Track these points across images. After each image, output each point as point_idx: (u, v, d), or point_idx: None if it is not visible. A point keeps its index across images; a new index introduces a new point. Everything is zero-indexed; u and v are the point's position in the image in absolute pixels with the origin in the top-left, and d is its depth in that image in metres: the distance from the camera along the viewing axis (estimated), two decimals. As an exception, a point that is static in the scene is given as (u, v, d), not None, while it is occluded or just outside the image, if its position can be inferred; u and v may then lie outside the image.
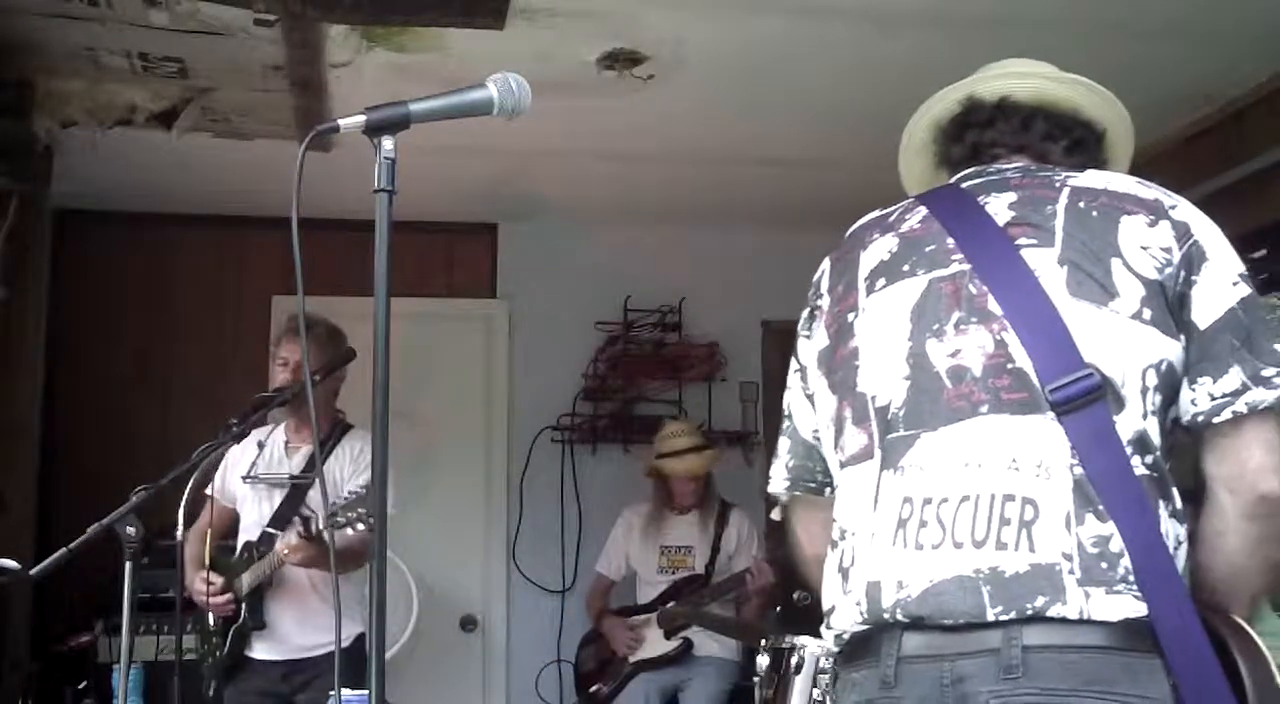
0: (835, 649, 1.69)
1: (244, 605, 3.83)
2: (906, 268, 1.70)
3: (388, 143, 1.71)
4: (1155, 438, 1.56)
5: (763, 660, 3.26)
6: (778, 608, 4.52)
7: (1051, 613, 1.47)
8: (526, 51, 3.75)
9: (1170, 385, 1.58)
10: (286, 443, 3.99)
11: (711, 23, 3.77)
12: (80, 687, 4.50)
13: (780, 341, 6.00)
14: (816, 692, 3.10)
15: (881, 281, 1.72)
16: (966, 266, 1.65)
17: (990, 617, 1.49)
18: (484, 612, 5.73)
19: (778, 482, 1.85)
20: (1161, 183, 1.79)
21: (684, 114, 4.47)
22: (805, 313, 1.85)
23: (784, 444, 1.84)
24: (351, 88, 4.03)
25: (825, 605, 1.69)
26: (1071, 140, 1.85)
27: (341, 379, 3.90)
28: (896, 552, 1.57)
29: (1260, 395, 1.55)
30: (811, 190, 5.26)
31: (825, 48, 3.92)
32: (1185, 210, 1.70)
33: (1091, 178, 1.73)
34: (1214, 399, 1.57)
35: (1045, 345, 1.56)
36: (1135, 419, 1.55)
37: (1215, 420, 1.57)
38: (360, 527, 3.36)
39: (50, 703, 4.50)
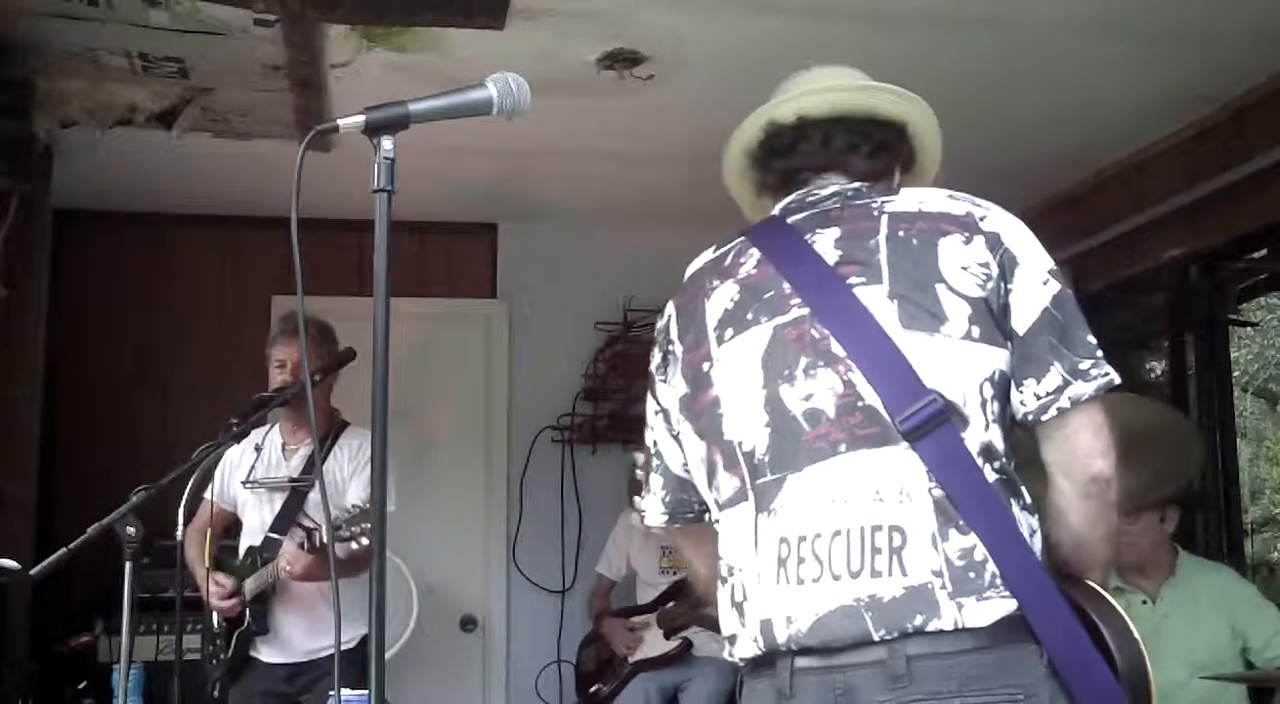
0: (740, 664, 1.80)
1: (248, 610, 3.82)
2: (750, 316, 1.79)
3: (387, 143, 1.71)
4: (999, 443, 1.70)
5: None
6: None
7: (930, 628, 1.60)
8: (526, 51, 3.75)
9: (1005, 391, 1.71)
10: (283, 445, 3.98)
11: (711, 23, 3.77)
12: (80, 687, 4.50)
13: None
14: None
15: (730, 332, 1.80)
16: (806, 311, 1.74)
17: (875, 638, 1.61)
18: (484, 612, 5.73)
19: (655, 515, 1.94)
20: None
21: (684, 114, 4.46)
22: (658, 358, 1.92)
23: (656, 480, 1.92)
24: (351, 88, 4.03)
25: (725, 632, 1.79)
26: (872, 145, 1.91)
27: (336, 376, 3.90)
28: (781, 589, 1.68)
29: (1080, 389, 1.70)
30: (811, 190, 5.26)
31: (825, 48, 3.88)
32: (994, 219, 1.78)
33: (906, 200, 1.81)
34: (1039, 398, 1.70)
35: (889, 380, 1.67)
36: (980, 431, 1.68)
37: (1044, 418, 1.70)
38: (365, 541, 3.36)
39: (50, 703, 4.50)
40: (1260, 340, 10.94)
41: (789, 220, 1.87)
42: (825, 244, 1.79)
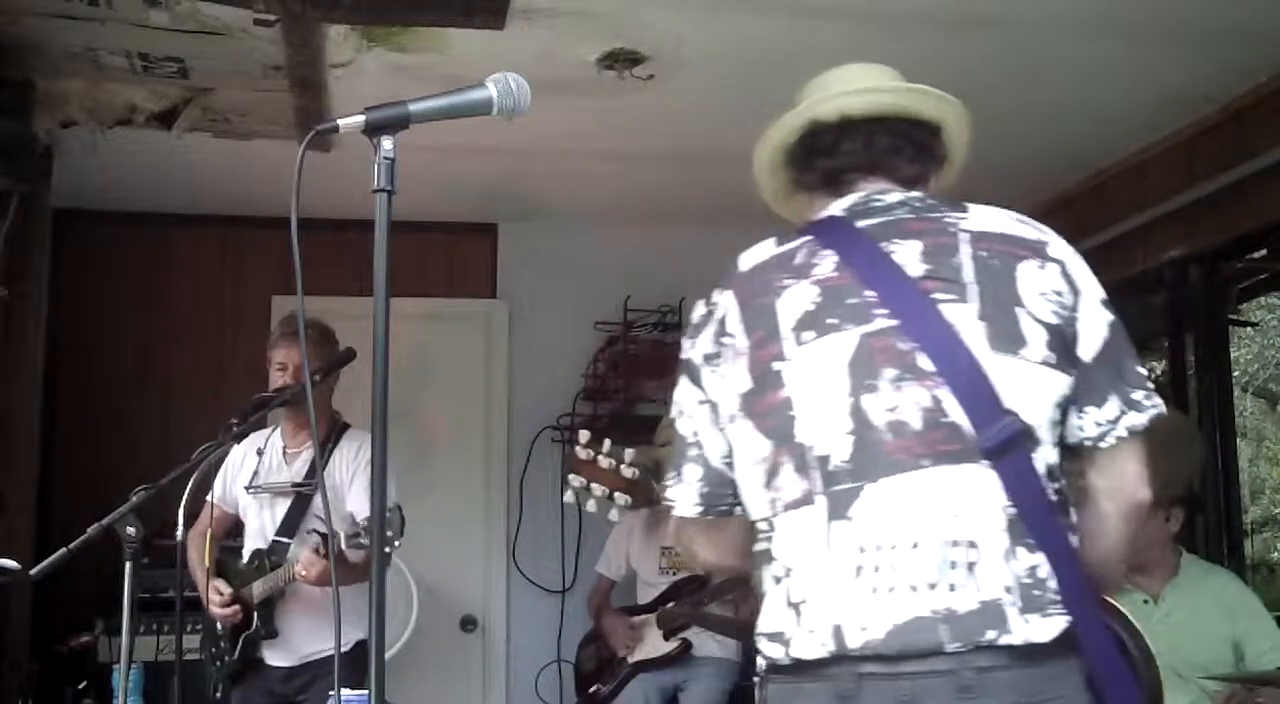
0: (776, 660, 1.79)
1: (255, 614, 3.82)
2: (833, 321, 1.77)
3: (387, 143, 1.72)
4: (1058, 463, 1.77)
5: (762, 661, 3.26)
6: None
7: (1001, 642, 1.65)
8: (526, 51, 3.75)
9: (1065, 414, 1.78)
10: (284, 448, 3.98)
11: (711, 23, 3.77)
12: (80, 687, 4.50)
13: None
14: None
15: (810, 334, 1.77)
16: (892, 322, 1.75)
17: (948, 649, 1.66)
18: (484, 612, 5.73)
19: (688, 506, 1.89)
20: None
21: (684, 114, 4.47)
22: (708, 347, 1.86)
23: (693, 470, 1.87)
24: (351, 88, 4.03)
25: (770, 627, 1.78)
26: (914, 148, 1.94)
27: (336, 377, 3.90)
28: (856, 596, 1.70)
29: (1134, 419, 1.78)
30: (811, 190, 5.26)
31: (825, 48, 3.90)
32: (1058, 246, 1.84)
33: (978, 219, 1.84)
34: (1099, 426, 1.78)
35: (973, 399, 1.71)
36: (1047, 453, 1.75)
37: (1102, 445, 1.78)
38: (384, 548, 3.36)
39: (50, 703, 4.50)
40: (1260, 340, 10.94)
41: (859, 225, 1.86)
42: (907, 256, 1.80)
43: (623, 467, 2.38)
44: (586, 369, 5.79)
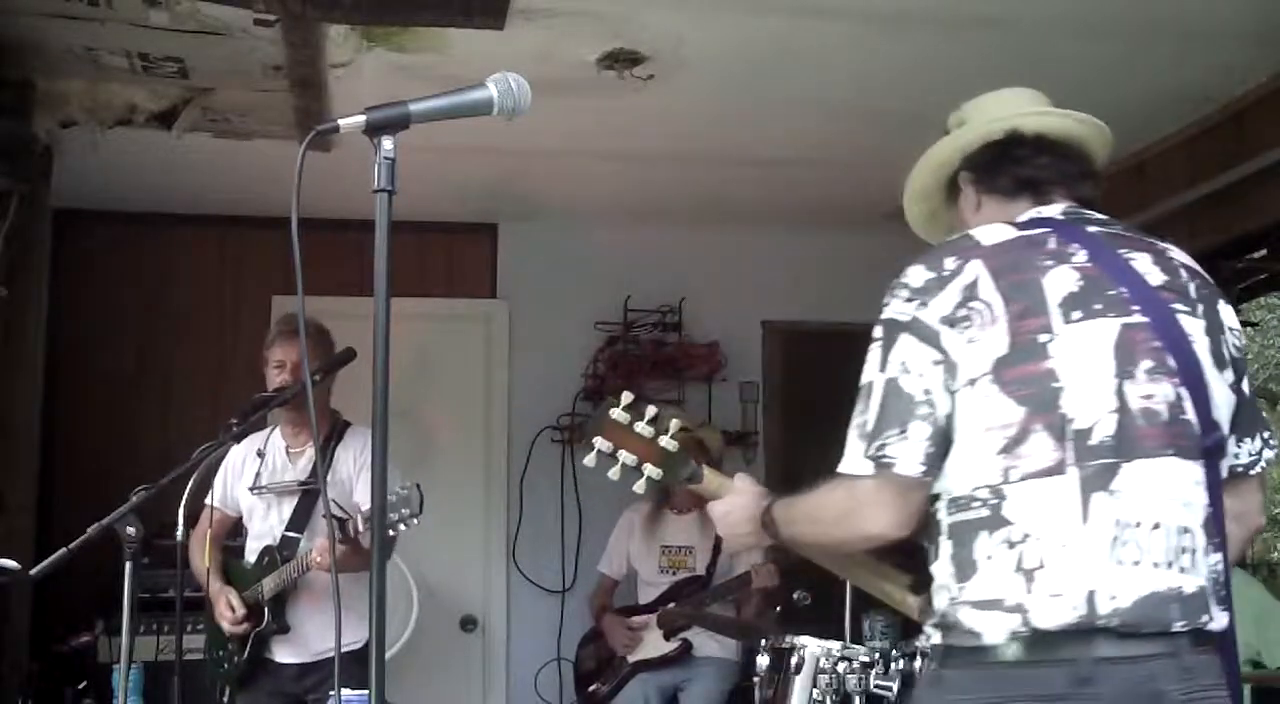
0: (1010, 639, 1.79)
1: (267, 609, 3.82)
2: (1099, 307, 1.87)
3: (387, 143, 1.72)
4: None
5: (763, 660, 3.26)
6: (778, 608, 4.52)
7: (1209, 628, 1.82)
8: (526, 51, 3.75)
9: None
10: (287, 448, 3.98)
11: (711, 23, 3.77)
12: (80, 687, 4.50)
13: (780, 342, 6.00)
14: (816, 692, 3.10)
15: (1077, 313, 1.86)
16: (1144, 319, 1.88)
17: (1175, 628, 1.79)
18: (484, 612, 5.73)
19: (913, 464, 1.84)
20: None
21: (684, 114, 4.47)
22: (945, 310, 1.86)
23: (922, 429, 1.84)
24: (351, 88, 4.03)
25: (985, 594, 1.81)
26: (1092, 174, 2.10)
27: (334, 378, 3.90)
28: (1109, 567, 1.79)
29: (1270, 454, 2.01)
30: (812, 190, 5.26)
31: (825, 48, 3.92)
32: (1218, 287, 2.02)
33: (1179, 253, 2.03)
34: (1250, 455, 1.98)
35: (1201, 404, 1.88)
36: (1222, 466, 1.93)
37: (1251, 473, 1.99)
38: (402, 526, 3.39)
39: (50, 703, 4.50)
40: (1260, 340, 10.92)
41: (1089, 230, 1.97)
42: (1144, 265, 1.94)
43: (662, 438, 2.18)
44: (586, 369, 5.79)
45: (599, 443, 2.17)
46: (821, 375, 6.09)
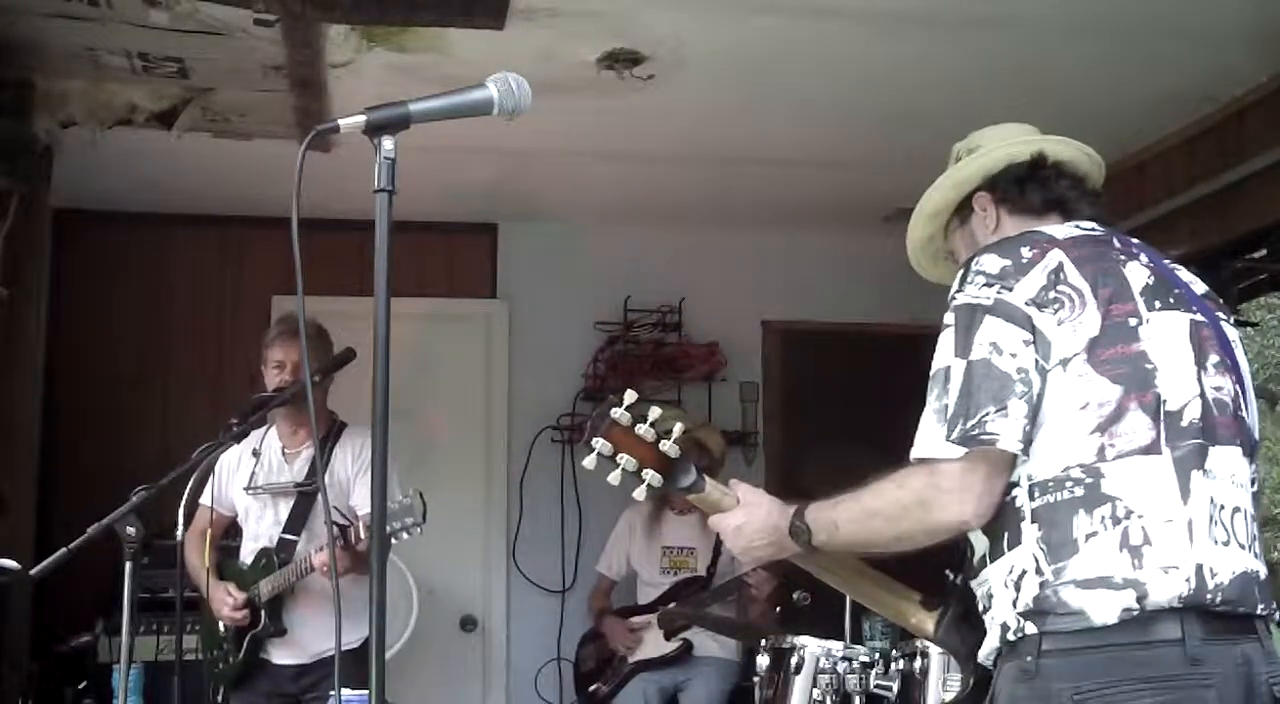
0: (1121, 618, 1.78)
1: (264, 612, 3.82)
2: (1172, 300, 1.96)
3: (388, 143, 1.71)
4: None
5: (763, 661, 3.26)
6: (778, 608, 4.52)
7: (1277, 615, 1.90)
8: (526, 51, 3.75)
9: None
10: (283, 449, 3.97)
11: (711, 23, 3.77)
12: (80, 687, 4.50)
13: (780, 342, 6.00)
14: (816, 692, 3.11)
15: (1157, 303, 1.94)
16: (1204, 318, 1.98)
17: (1259, 611, 1.86)
18: (484, 612, 5.73)
19: (1013, 441, 1.82)
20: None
21: (684, 114, 4.47)
22: (1031, 293, 1.87)
23: (1020, 407, 1.83)
24: (351, 88, 4.03)
25: (1093, 571, 1.79)
26: (1098, 199, 2.18)
27: (332, 379, 3.90)
28: (1208, 545, 1.83)
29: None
30: (811, 190, 5.26)
31: (825, 48, 3.92)
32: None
33: (1192, 276, 2.09)
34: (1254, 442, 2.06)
35: (1247, 403, 1.97)
36: None
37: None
38: (405, 535, 3.39)
39: (50, 703, 4.50)
40: (1260, 340, 10.91)
41: (1133, 241, 2.06)
42: (1187, 276, 2.05)
43: (664, 442, 2.07)
44: (586, 369, 5.79)
45: (599, 444, 2.06)
46: (821, 375, 6.14)
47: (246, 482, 3.93)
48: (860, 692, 3.09)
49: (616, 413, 2.05)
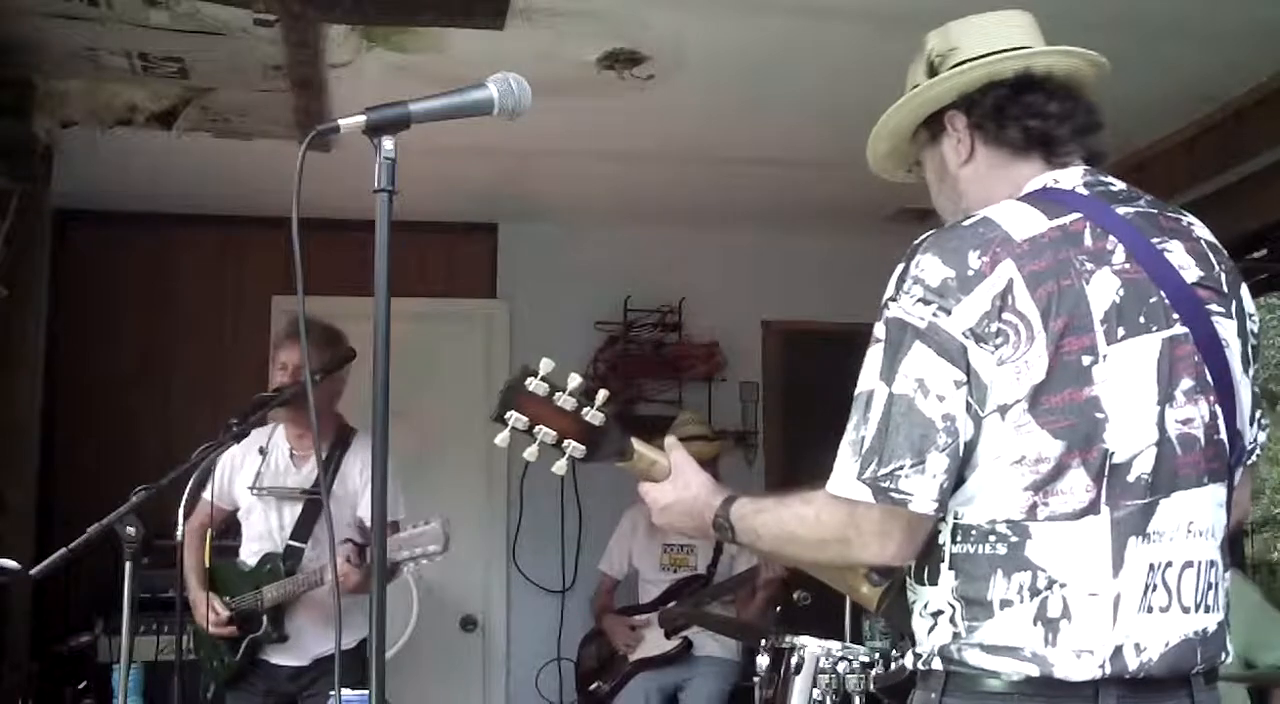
0: (1024, 682, 1.63)
1: (265, 618, 3.82)
2: (1142, 320, 1.67)
3: (388, 143, 1.71)
4: None
5: (763, 660, 3.26)
6: (778, 608, 4.52)
7: (1221, 666, 1.72)
8: (526, 51, 3.75)
9: None
10: (291, 452, 3.97)
11: (711, 23, 3.77)
12: (80, 687, 4.50)
13: (780, 342, 6.01)
14: (816, 692, 3.10)
15: (1121, 331, 1.65)
16: (1184, 330, 1.69)
17: (1194, 671, 1.67)
18: (484, 612, 5.74)
19: (927, 502, 1.62)
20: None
21: (684, 114, 4.47)
22: (971, 321, 1.62)
23: (940, 462, 1.61)
24: (351, 88, 4.03)
25: (1000, 639, 1.64)
26: (1100, 129, 1.88)
27: (343, 381, 3.89)
28: (1139, 617, 1.64)
29: (1263, 436, 1.83)
30: (811, 190, 5.26)
31: (825, 48, 3.92)
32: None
33: (1203, 229, 1.82)
34: (1250, 444, 1.80)
35: (1231, 418, 1.72)
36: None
37: (1248, 463, 1.81)
38: (424, 561, 3.40)
39: (50, 703, 4.50)
40: (1260, 340, 10.87)
41: (1119, 211, 1.74)
42: (1179, 259, 1.73)
43: (588, 410, 1.94)
44: (586, 369, 5.79)
45: (512, 418, 1.93)
46: (821, 375, 6.10)
47: (251, 480, 3.93)
48: (860, 692, 3.08)
49: (531, 383, 1.93)
